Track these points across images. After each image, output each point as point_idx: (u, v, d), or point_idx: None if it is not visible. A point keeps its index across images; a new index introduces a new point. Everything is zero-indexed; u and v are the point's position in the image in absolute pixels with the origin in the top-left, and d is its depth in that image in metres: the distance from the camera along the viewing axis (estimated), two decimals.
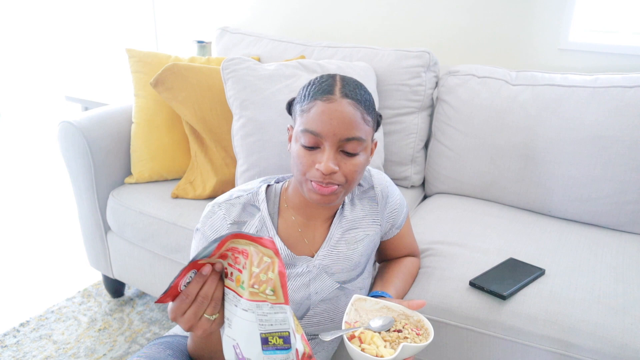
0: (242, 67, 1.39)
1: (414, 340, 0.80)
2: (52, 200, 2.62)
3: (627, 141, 1.30)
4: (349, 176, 0.83)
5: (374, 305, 0.86)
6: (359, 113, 0.81)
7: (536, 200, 1.44)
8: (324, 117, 0.80)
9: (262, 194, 0.92)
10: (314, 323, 0.93)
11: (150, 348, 0.88)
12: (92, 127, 1.57)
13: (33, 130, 3.63)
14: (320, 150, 0.81)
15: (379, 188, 0.98)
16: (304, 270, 0.91)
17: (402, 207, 1.03)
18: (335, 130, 0.80)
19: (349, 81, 0.84)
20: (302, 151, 0.82)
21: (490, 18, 1.73)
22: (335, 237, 0.94)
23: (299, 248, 0.92)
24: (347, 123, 0.80)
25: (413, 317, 0.85)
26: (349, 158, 0.82)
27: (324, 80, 0.84)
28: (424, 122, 1.63)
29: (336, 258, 0.93)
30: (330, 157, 0.80)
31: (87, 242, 1.74)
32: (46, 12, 3.27)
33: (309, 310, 0.92)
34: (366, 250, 0.97)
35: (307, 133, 0.81)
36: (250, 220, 0.90)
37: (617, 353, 0.93)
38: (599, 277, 1.10)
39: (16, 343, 1.60)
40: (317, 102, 0.81)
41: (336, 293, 0.93)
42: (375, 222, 0.98)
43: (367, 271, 0.98)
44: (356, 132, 0.81)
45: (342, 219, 0.95)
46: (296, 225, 0.92)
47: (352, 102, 0.81)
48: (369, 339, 0.78)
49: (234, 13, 2.26)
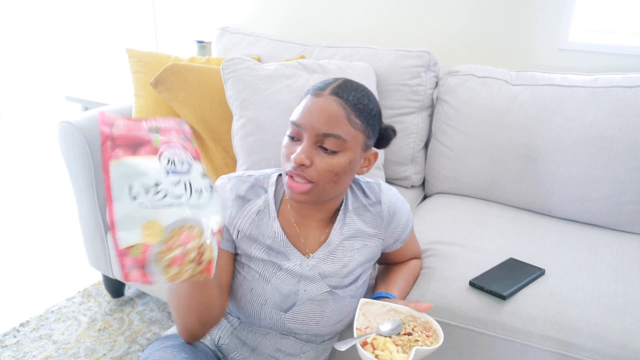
0: (242, 67, 1.39)
1: (425, 342, 0.80)
2: (52, 200, 2.62)
3: (627, 141, 1.30)
4: (321, 174, 0.82)
5: (380, 308, 0.87)
6: (344, 112, 0.81)
7: (536, 200, 1.44)
8: (306, 110, 0.82)
9: (273, 178, 0.94)
10: (298, 320, 0.93)
11: (165, 352, 0.85)
12: (92, 127, 1.57)
13: (33, 130, 3.63)
14: (300, 143, 0.83)
15: (386, 205, 0.97)
16: (297, 267, 0.92)
17: (408, 222, 1.02)
18: (313, 123, 0.81)
19: (349, 84, 0.84)
20: (286, 141, 0.85)
21: (490, 18, 1.73)
22: (335, 243, 0.94)
23: (294, 240, 0.93)
24: (326, 117, 0.80)
25: (420, 319, 0.85)
26: (326, 155, 0.82)
27: (329, 80, 0.86)
28: (424, 122, 1.63)
29: (331, 263, 0.93)
30: (304, 149, 0.81)
31: (87, 242, 1.74)
32: (46, 12, 3.27)
33: (295, 306, 0.92)
34: (364, 260, 0.97)
35: (291, 124, 0.84)
36: (255, 199, 0.92)
37: (617, 353, 0.93)
38: (599, 277, 1.10)
39: (16, 343, 1.60)
40: (308, 96, 0.84)
41: (325, 296, 0.93)
42: (377, 236, 0.98)
43: (361, 280, 0.98)
44: (335, 129, 0.81)
45: (343, 227, 0.95)
46: (291, 218, 0.93)
47: (340, 100, 0.81)
48: (382, 344, 0.79)
49: (234, 13, 2.26)
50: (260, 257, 0.91)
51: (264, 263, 0.91)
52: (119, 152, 0.64)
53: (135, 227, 0.62)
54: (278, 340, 0.96)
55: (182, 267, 0.63)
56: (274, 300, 0.91)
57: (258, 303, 0.91)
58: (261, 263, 0.91)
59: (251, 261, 0.91)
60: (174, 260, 0.63)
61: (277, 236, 0.91)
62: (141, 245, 0.62)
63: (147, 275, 0.62)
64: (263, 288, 0.91)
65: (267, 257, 0.91)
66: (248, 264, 0.92)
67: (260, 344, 0.97)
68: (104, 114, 0.64)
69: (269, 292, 0.91)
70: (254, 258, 0.91)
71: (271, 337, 0.96)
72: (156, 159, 0.66)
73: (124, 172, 0.63)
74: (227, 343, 0.99)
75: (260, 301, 0.91)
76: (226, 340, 0.99)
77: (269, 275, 0.91)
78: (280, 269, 0.91)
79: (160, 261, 0.62)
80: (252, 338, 0.97)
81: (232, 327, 0.99)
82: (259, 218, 0.91)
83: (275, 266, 0.91)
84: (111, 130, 0.64)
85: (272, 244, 0.91)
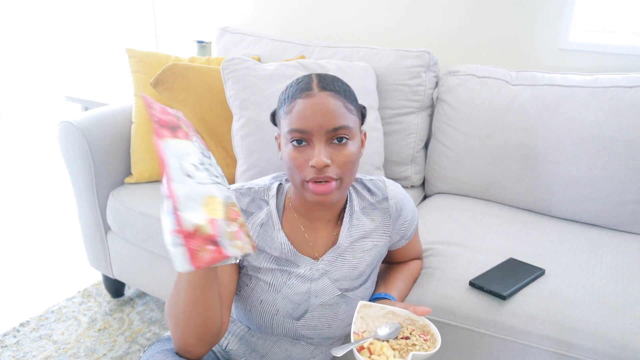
0: (242, 67, 1.39)
1: (422, 347, 0.80)
2: (52, 200, 2.62)
3: (627, 141, 1.30)
4: (343, 167, 0.82)
5: (379, 311, 0.86)
6: (340, 102, 0.82)
7: (536, 200, 1.44)
8: (307, 113, 0.80)
9: (273, 190, 0.93)
10: (310, 326, 0.92)
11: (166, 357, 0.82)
12: (92, 127, 1.57)
13: (33, 130, 3.63)
14: (310, 147, 0.82)
15: (393, 201, 0.97)
16: (307, 272, 0.91)
17: (414, 219, 1.02)
18: (320, 122, 0.80)
19: (325, 76, 0.85)
20: (293, 152, 0.82)
21: (490, 18, 1.73)
22: (344, 245, 0.93)
23: (302, 247, 0.92)
24: (330, 113, 0.80)
25: (419, 322, 0.85)
26: (340, 149, 0.82)
27: (300, 80, 0.85)
28: (424, 122, 1.63)
29: (341, 266, 0.93)
30: (321, 151, 0.80)
31: (87, 242, 1.74)
32: (46, 12, 3.27)
33: (307, 313, 0.91)
34: (373, 260, 0.96)
35: (294, 132, 0.81)
36: (257, 212, 0.91)
37: (617, 353, 0.93)
38: (599, 277, 1.10)
39: (16, 343, 1.60)
40: (298, 101, 0.82)
41: (337, 300, 0.92)
42: (385, 233, 0.98)
43: (370, 281, 0.97)
44: (342, 120, 0.81)
45: (351, 228, 0.94)
46: (299, 224, 0.92)
47: (331, 93, 0.81)
48: (379, 349, 0.78)
49: (234, 13, 2.26)
50: (269, 267, 0.90)
51: (272, 273, 0.90)
52: (164, 132, 0.64)
53: (197, 206, 0.61)
54: (288, 347, 0.95)
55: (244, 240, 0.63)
56: (285, 309, 0.90)
57: (269, 314, 0.90)
58: (270, 273, 0.90)
59: (259, 272, 0.90)
60: (236, 234, 0.62)
61: (284, 247, 0.90)
62: (208, 221, 0.60)
63: (221, 249, 0.60)
64: (274, 298, 0.90)
65: (276, 266, 0.90)
66: (256, 276, 0.90)
67: (270, 350, 0.96)
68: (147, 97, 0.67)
69: (280, 302, 0.90)
70: (262, 269, 0.90)
71: (282, 344, 0.95)
72: (190, 142, 0.67)
73: (174, 152, 0.63)
74: (236, 349, 0.98)
75: (271, 311, 0.90)
76: (235, 345, 0.98)
77: (279, 284, 0.90)
78: (290, 276, 0.90)
79: (229, 235, 0.61)
80: (262, 345, 0.96)
81: (242, 332, 0.98)
82: (263, 230, 0.90)
83: (284, 274, 0.90)
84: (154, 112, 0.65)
85: (280, 255, 0.90)
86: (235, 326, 0.99)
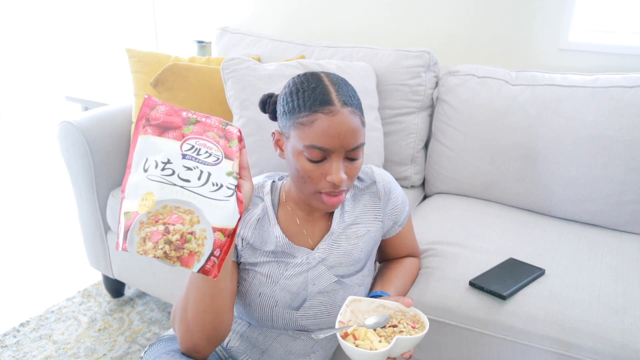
0: (242, 67, 1.39)
1: (410, 333, 0.80)
2: (52, 200, 2.62)
3: (627, 141, 1.30)
4: (352, 178, 0.86)
5: (369, 305, 0.86)
6: (358, 119, 0.82)
7: (536, 200, 1.44)
8: (332, 132, 0.79)
9: (267, 187, 0.95)
10: (310, 316, 0.93)
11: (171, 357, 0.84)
12: (92, 127, 1.57)
13: (33, 130, 3.63)
14: (327, 162, 0.82)
15: (381, 184, 0.99)
16: (303, 261, 0.92)
17: (405, 204, 1.03)
18: (343, 143, 0.80)
19: (339, 83, 0.83)
20: (310, 166, 0.82)
21: (490, 18, 1.73)
22: (337, 232, 0.95)
23: (298, 239, 0.94)
24: (352, 133, 0.81)
25: (409, 313, 0.85)
26: (353, 162, 0.84)
27: (314, 86, 0.82)
28: (424, 122, 1.63)
29: (336, 252, 0.94)
30: (339, 168, 0.82)
31: (87, 242, 1.74)
32: (46, 12, 3.27)
33: (306, 302, 0.92)
34: (367, 246, 0.97)
35: (314, 149, 0.80)
36: (253, 209, 0.93)
37: (617, 353, 0.93)
38: (599, 277, 1.10)
39: (16, 343, 1.60)
40: (319, 116, 0.79)
41: (334, 287, 0.94)
42: (377, 218, 0.99)
43: (367, 268, 0.99)
44: (360, 139, 0.83)
45: (343, 214, 0.96)
46: (295, 217, 0.94)
47: (352, 109, 0.81)
48: (363, 335, 0.78)
49: (234, 13, 2.26)
50: (266, 260, 0.92)
51: (269, 265, 0.92)
52: (148, 129, 0.70)
53: (137, 197, 0.65)
54: (289, 342, 0.96)
55: (156, 244, 0.63)
56: (284, 300, 0.91)
57: (269, 306, 0.91)
58: (266, 265, 0.91)
59: (256, 266, 0.92)
60: (152, 234, 0.63)
61: (279, 240, 0.92)
62: (133, 212, 0.64)
63: (125, 241, 0.63)
64: (272, 290, 0.91)
65: (272, 258, 0.92)
66: (253, 269, 0.92)
67: (271, 346, 0.97)
68: (151, 97, 0.72)
69: (278, 293, 0.91)
70: (259, 263, 0.92)
71: (282, 339, 0.96)
72: (178, 142, 0.70)
73: (145, 147, 0.68)
74: (237, 346, 0.99)
75: (270, 303, 0.91)
76: (236, 342, 0.99)
77: (276, 276, 0.91)
78: (287, 267, 0.92)
79: (140, 231, 0.63)
80: (262, 340, 0.97)
81: (242, 329, 0.99)
82: (260, 225, 0.92)
83: (281, 265, 0.92)
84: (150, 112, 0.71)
85: (276, 248, 0.92)
86: (236, 323, 1.00)
